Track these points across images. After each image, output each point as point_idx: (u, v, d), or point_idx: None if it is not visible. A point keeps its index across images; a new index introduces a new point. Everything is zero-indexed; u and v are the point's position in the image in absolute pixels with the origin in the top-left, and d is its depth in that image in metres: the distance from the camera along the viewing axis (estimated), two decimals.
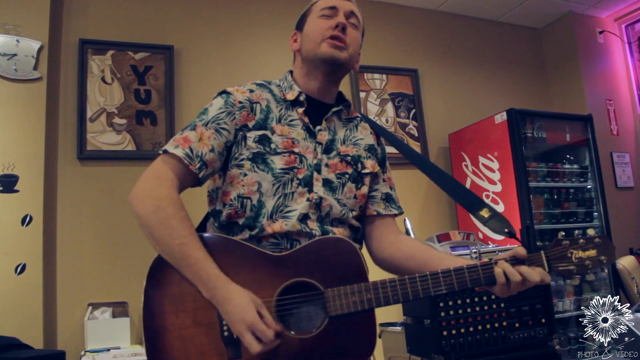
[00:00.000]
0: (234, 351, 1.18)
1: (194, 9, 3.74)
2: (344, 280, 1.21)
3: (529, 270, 1.20)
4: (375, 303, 1.20)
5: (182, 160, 1.27)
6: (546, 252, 1.23)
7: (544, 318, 2.88)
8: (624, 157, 4.79)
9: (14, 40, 3.04)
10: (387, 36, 4.38)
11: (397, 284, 1.21)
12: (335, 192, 1.39)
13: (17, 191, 2.93)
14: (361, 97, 4.09)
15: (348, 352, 1.20)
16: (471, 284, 1.21)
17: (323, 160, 1.39)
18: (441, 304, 2.71)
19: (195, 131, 1.31)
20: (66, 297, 3.05)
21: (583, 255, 1.21)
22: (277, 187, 1.32)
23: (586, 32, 4.94)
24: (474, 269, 1.22)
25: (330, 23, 1.41)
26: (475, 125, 4.07)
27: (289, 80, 1.48)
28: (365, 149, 1.50)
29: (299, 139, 1.38)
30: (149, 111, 3.42)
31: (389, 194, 1.55)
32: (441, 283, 1.21)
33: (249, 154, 1.33)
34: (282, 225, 1.29)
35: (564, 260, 1.21)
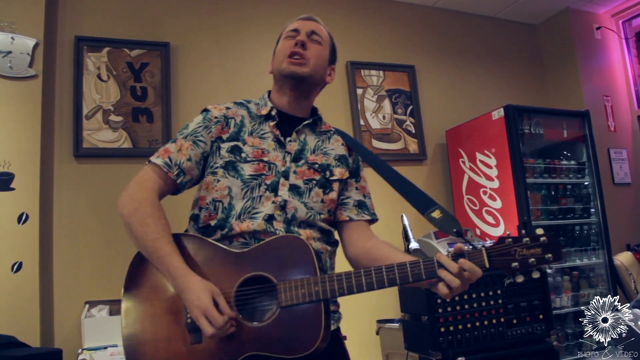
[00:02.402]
0: (195, 337, 1.32)
1: (190, 6, 3.73)
2: (296, 274, 1.32)
3: (466, 261, 1.25)
4: (322, 295, 1.29)
5: (162, 168, 1.45)
6: (487, 248, 1.27)
7: (542, 314, 2.89)
8: (621, 153, 4.80)
9: (9, 38, 3.03)
10: (384, 32, 4.37)
11: (343, 277, 1.29)
12: (302, 196, 1.51)
13: (13, 189, 2.92)
14: (358, 93, 4.09)
15: (296, 339, 1.29)
16: (412, 278, 1.28)
17: (291, 168, 1.53)
18: (439, 301, 2.71)
19: (176, 143, 1.50)
20: (63, 295, 3.05)
21: (527, 252, 1.23)
22: (245, 191, 1.46)
23: (583, 28, 4.93)
24: (416, 263, 1.28)
25: (291, 42, 1.57)
26: (472, 121, 4.07)
27: (265, 98, 1.63)
28: (335, 159, 1.62)
29: (269, 149, 1.53)
30: (145, 108, 3.41)
31: (362, 201, 1.66)
32: (383, 277, 1.28)
33: (222, 162, 1.49)
34: (248, 225, 1.43)
35: (506, 256, 1.25)
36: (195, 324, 1.29)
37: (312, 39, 1.60)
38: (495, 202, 3.81)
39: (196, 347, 1.32)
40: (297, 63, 1.54)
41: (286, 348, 1.28)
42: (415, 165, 4.21)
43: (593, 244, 4.05)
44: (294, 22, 1.66)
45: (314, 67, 1.57)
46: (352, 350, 1.74)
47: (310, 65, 1.56)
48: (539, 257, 1.23)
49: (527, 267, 1.24)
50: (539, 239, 1.24)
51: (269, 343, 1.29)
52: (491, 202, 3.85)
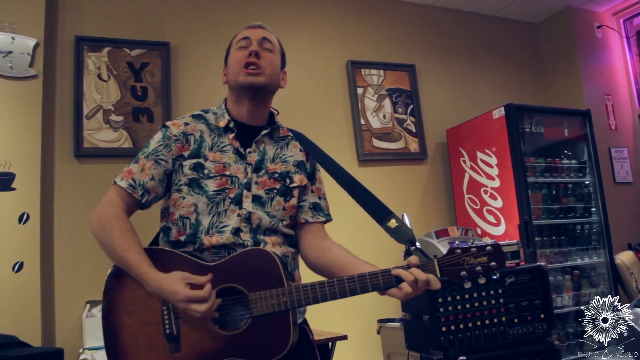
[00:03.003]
0: (175, 345, 1.39)
1: (190, 5, 3.73)
2: (265, 285, 1.39)
3: (419, 271, 1.34)
4: (290, 305, 1.38)
5: (126, 190, 1.51)
6: (439, 259, 1.36)
7: (543, 313, 2.89)
8: (622, 152, 4.79)
9: (10, 38, 3.03)
10: (385, 32, 4.37)
11: (309, 288, 1.38)
12: (265, 206, 1.56)
13: (13, 189, 2.92)
14: (358, 92, 4.08)
15: (267, 346, 1.38)
16: (372, 288, 1.36)
17: (253, 179, 1.57)
18: (440, 300, 2.70)
19: (138, 163, 1.55)
20: (64, 294, 3.05)
21: (474, 261, 1.34)
22: (211, 207, 1.51)
23: (584, 26, 4.93)
24: (374, 275, 1.36)
25: (245, 53, 1.59)
26: (473, 120, 4.07)
27: (222, 108, 1.65)
28: (294, 165, 1.66)
29: (230, 162, 1.56)
30: (145, 108, 3.41)
31: (317, 203, 1.71)
32: (345, 287, 1.36)
33: (186, 179, 1.53)
34: (218, 239, 1.48)
35: (455, 266, 1.34)
36: (173, 333, 1.38)
37: (264, 47, 1.62)
38: (496, 201, 3.81)
39: (176, 356, 1.38)
40: (254, 73, 1.57)
41: (260, 353, 1.38)
42: (416, 164, 4.21)
43: (594, 243, 4.04)
44: (243, 31, 1.67)
45: (270, 75, 1.60)
46: (353, 350, 1.75)
47: (266, 73, 1.59)
48: (485, 265, 1.34)
49: (474, 274, 1.34)
50: (485, 248, 1.35)
51: (244, 349, 1.38)
52: (492, 201, 3.84)
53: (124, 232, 1.45)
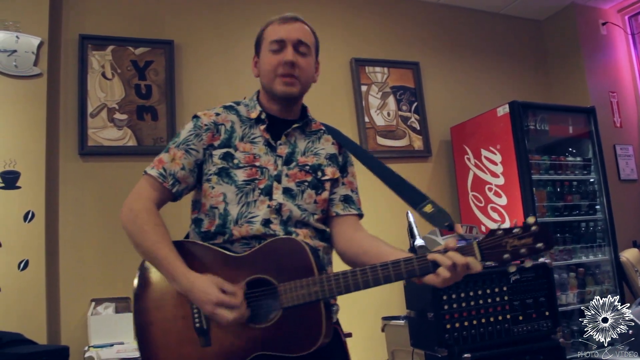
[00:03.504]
0: (205, 340, 1.36)
1: (193, 3, 3.73)
2: (295, 275, 1.35)
3: (457, 255, 1.26)
4: (321, 294, 1.33)
5: (157, 179, 1.49)
6: (479, 241, 1.27)
7: (548, 311, 2.88)
8: (627, 150, 4.78)
9: (14, 37, 3.03)
10: (389, 29, 4.36)
11: (340, 277, 1.33)
12: (295, 198, 1.53)
13: (18, 187, 2.93)
14: (362, 90, 4.08)
15: (298, 338, 1.34)
16: (407, 275, 1.30)
17: (283, 171, 1.54)
18: (444, 297, 2.70)
19: (169, 153, 1.52)
20: (69, 292, 3.06)
21: (518, 243, 1.24)
22: (240, 197, 1.49)
23: (589, 23, 4.91)
24: (409, 261, 1.30)
25: (279, 58, 1.54)
26: (477, 118, 4.06)
27: (254, 100, 1.63)
28: (326, 158, 1.64)
29: (261, 153, 1.54)
30: (149, 106, 3.41)
31: (348, 195, 1.67)
32: (379, 275, 1.31)
33: (215, 169, 1.51)
34: (247, 230, 1.46)
35: (497, 248, 1.25)
36: (203, 327, 1.35)
37: (300, 52, 1.56)
38: (501, 199, 3.80)
39: (206, 350, 1.36)
40: (289, 83, 1.54)
41: (291, 346, 1.33)
42: (420, 162, 4.20)
43: (599, 240, 4.03)
44: (276, 25, 1.60)
45: (304, 83, 1.58)
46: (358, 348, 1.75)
47: (301, 82, 1.56)
48: (530, 246, 1.23)
49: (518, 257, 1.24)
50: (529, 228, 1.24)
51: (275, 342, 1.34)
52: (496, 198, 3.84)
53: (155, 226, 1.43)
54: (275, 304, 1.36)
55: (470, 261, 1.26)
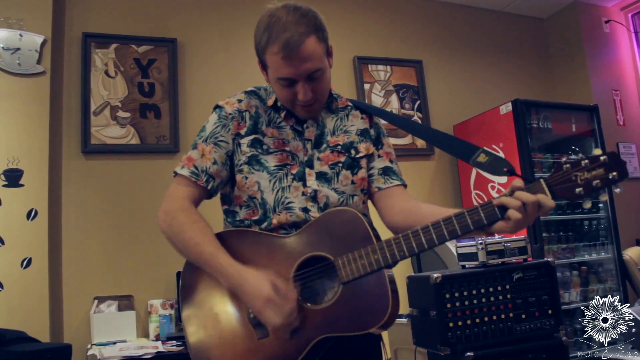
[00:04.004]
0: (262, 331, 1.28)
1: (196, 1, 3.73)
2: (352, 247, 1.26)
3: (525, 193, 1.17)
4: (383, 262, 1.23)
5: (189, 178, 1.42)
6: (546, 178, 1.18)
7: (551, 309, 2.87)
8: (630, 148, 4.76)
9: (17, 35, 3.04)
10: (391, 27, 4.36)
11: (401, 239, 1.23)
12: (331, 182, 1.45)
13: (22, 185, 2.93)
14: (365, 88, 4.08)
15: (366, 312, 1.24)
16: (474, 226, 1.20)
17: (314, 155, 1.47)
18: (447, 296, 2.70)
19: (197, 149, 1.45)
20: (72, 290, 3.06)
21: (589, 175, 1.13)
22: (273, 183, 1.42)
23: (592, 21, 4.90)
24: (474, 210, 1.21)
25: (293, 91, 1.37)
26: (480, 116, 4.05)
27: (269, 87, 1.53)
28: (357, 134, 1.54)
29: (289, 139, 1.47)
30: (152, 104, 3.41)
31: (387, 167, 1.57)
32: (443, 230, 1.21)
33: (245, 158, 1.44)
34: (287, 217, 1.39)
35: (567, 183, 1.15)
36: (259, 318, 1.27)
37: (314, 77, 1.36)
38: None
39: (264, 342, 1.29)
40: (311, 111, 1.44)
41: (357, 324, 1.24)
42: (423, 160, 4.19)
43: (602, 238, 4.03)
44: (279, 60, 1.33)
45: (325, 97, 1.48)
46: None
47: (320, 100, 1.44)
48: (603, 177, 1.12)
49: (592, 190, 1.13)
50: (598, 158, 1.12)
51: (338, 323, 1.25)
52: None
53: (194, 224, 1.36)
54: (333, 281, 1.28)
55: (541, 198, 1.16)
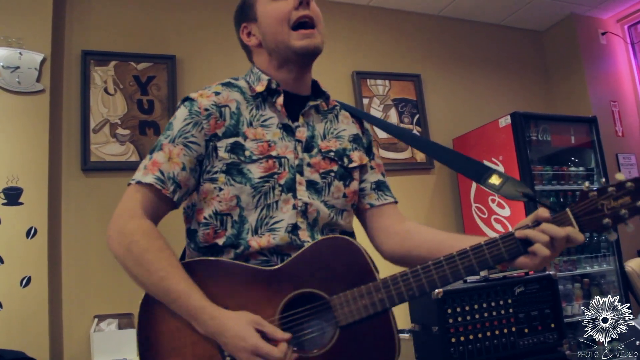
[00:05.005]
0: None
1: (195, 19, 3.74)
2: (350, 283, 1.09)
3: (553, 227, 1.03)
4: (388, 302, 1.08)
5: (153, 187, 1.17)
6: (572, 207, 1.06)
7: (553, 323, 2.86)
8: (629, 159, 4.77)
9: (17, 53, 3.05)
10: (389, 42, 4.37)
11: (410, 276, 1.08)
12: (321, 194, 1.25)
13: (21, 204, 2.92)
14: (364, 103, 4.08)
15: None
16: (493, 261, 1.06)
17: (305, 160, 1.26)
18: (449, 311, 2.68)
19: (163, 151, 1.20)
20: (72, 309, 3.04)
21: (616, 204, 1.03)
22: (258, 199, 1.19)
23: (588, 33, 4.92)
24: (493, 243, 1.06)
25: (289, 3, 1.24)
26: (479, 129, 4.06)
27: (255, 72, 1.33)
28: (350, 140, 1.36)
29: (276, 139, 1.24)
30: (152, 121, 3.42)
31: (381, 181, 1.41)
32: (459, 266, 1.06)
33: (222, 165, 1.20)
34: (269, 240, 1.18)
35: (594, 213, 1.04)
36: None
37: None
38: (504, 210, 3.79)
39: None
40: (310, 35, 1.25)
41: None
42: (423, 174, 4.19)
43: (603, 250, 4.01)
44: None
45: (323, 33, 1.30)
46: None
47: (320, 30, 1.28)
48: (631, 206, 1.02)
49: (619, 220, 1.03)
50: (624, 185, 1.02)
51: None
52: (500, 210, 3.82)
53: (158, 252, 1.12)
54: (329, 324, 1.10)
55: (571, 232, 1.03)
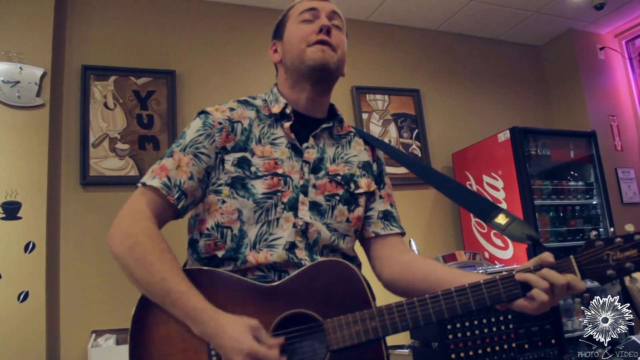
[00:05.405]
0: None
1: (195, 34, 3.76)
2: (345, 308, 1.10)
3: (554, 274, 1.04)
4: (381, 332, 1.08)
5: (159, 191, 1.20)
6: (576, 256, 1.07)
7: (554, 338, 2.84)
8: (629, 173, 4.77)
9: (17, 68, 3.06)
10: (389, 57, 4.39)
11: (405, 308, 1.08)
12: (324, 216, 1.27)
13: (19, 218, 2.92)
14: (364, 118, 4.09)
15: None
16: (490, 302, 1.07)
17: (310, 181, 1.28)
18: (449, 327, 2.67)
19: (173, 158, 1.24)
20: (69, 324, 3.02)
21: (621, 256, 1.03)
22: (259, 214, 1.22)
23: (587, 48, 4.95)
24: (492, 283, 1.07)
25: (313, 27, 1.31)
26: (478, 144, 4.06)
27: (274, 92, 1.38)
28: (359, 167, 1.38)
29: (283, 158, 1.27)
30: (151, 136, 3.42)
31: (388, 211, 1.42)
32: (455, 302, 1.07)
33: (227, 178, 1.24)
34: (267, 256, 1.19)
35: (599, 263, 1.04)
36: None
37: (334, 24, 1.34)
38: None
39: None
40: (324, 50, 1.29)
41: None
42: (422, 189, 4.19)
43: None
44: (306, 2, 1.36)
45: (341, 57, 1.34)
46: None
47: (338, 54, 1.32)
48: (636, 259, 1.02)
49: (623, 272, 1.03)
50: (633, 237, 1.03)
51: None
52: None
53: (161, 254, 1.13)
54: (320, 347, 1.10)
55: (572, 280, 1.04)
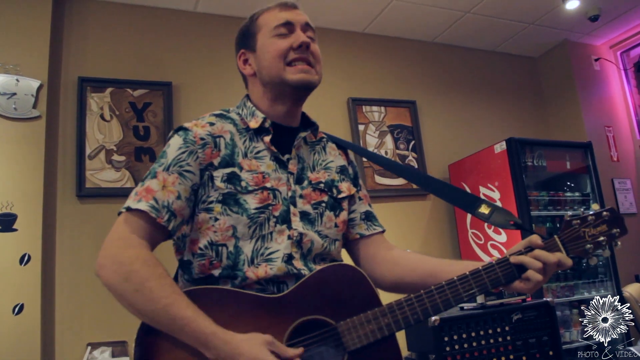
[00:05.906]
0: None
1: (191, 46, 3.77)
2: (356, 309, 1.13)
3: (546, 253, 1.14)
4: (395, 327, 1.12)
5: (147, 215, 1.14)
6: (559, 235, 1.17)
7: (552, 350, 2.83)
8: (625, 184, 4.78)
9: (14, 80, 3.06)
10: (385, 68, 4.41)
11: (414, 301, 1.13)
12: (314, 224, 1.28)
13: (15, 230, 2.91)
14: (360, 129, 4.10)
15: None
16: (491, 285, 1.15)
17: (297, 192, 1.29)
18: (446, 338, 2.66)
19: (157, 178, 1.18)
20: (65, 337, 3.00)
21: (595, 231, 1.17)
22: (253, 230, 1.20)
23: (582, 59, 4.98)
24: (490, 268, 1.15)
25: (289, 42, 1.28)
26: (475, 155, 4.07)
27: (249, 106, 1.35)
28: (337, 172, 1.40)
29: (269, 171, 1.26)
30: (148, 148, 3.42)
31: (369, 211, 1.46)
32: (460, 291, 1.13)
33: (218, 195, 1.21)
34: (266, 270, 1.18)
35: (578, 240, 1.17)
36: None
37: (309, 37, 1.32)
38: (500, 236, 3.78)
39: None
40: (307, 70, 1.28)
41: None
42: (419, 200, 4.19)
43: (601, 275, 4.00)
44: (276, 11, 1.32)
45: (320, 70, 1.33)
46: None
47: (317, 70, 1.32)
48: (607, 233, 1.18)
49: (599, 246, 1.17)
50: (601, 214, 1.18)
51: None
52: (496, 235, 3.81)
53: (161, 280, 1.09)
54: (337, 350, 1.11)
55: (561, 258, 1.15)
